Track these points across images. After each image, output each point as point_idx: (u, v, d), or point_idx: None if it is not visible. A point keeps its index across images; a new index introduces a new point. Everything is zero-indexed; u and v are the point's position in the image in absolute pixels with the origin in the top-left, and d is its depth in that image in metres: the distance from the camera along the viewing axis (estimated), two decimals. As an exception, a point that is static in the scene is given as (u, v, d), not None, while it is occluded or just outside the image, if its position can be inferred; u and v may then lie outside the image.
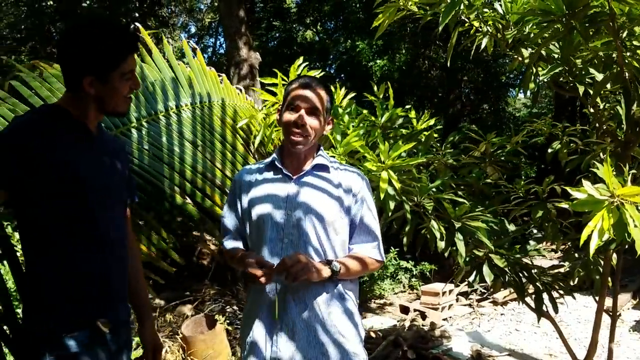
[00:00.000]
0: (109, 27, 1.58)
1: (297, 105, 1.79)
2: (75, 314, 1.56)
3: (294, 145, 1.79)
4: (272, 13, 13.19)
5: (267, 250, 1.76)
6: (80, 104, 1.60)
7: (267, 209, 1.79)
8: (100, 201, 1.62)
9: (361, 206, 1.85)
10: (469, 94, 13.73)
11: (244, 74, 8.31)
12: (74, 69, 1.55)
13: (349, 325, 1.80)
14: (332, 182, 1.84)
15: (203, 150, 2.78)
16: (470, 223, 2.64)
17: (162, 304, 6.89)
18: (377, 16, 2.83)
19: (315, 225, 1.76)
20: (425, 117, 3.26)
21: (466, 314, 6.10)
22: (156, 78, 2.97)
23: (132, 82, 1.62)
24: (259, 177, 1.86)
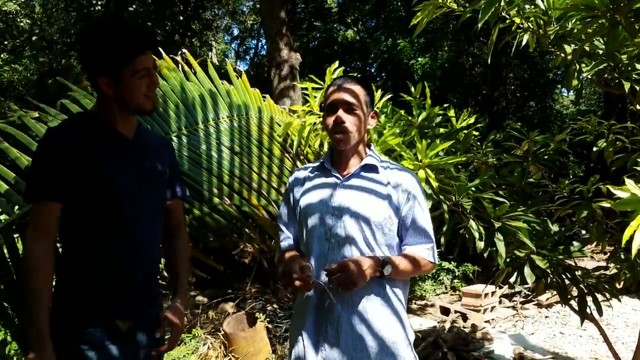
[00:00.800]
0: (118, 28, 1.64)
1: (334, 105, 1.81)
2: (94, 311, 1.61)
3: (338, 144, 1.82)
4: (313, 13, 13.23)
5: (315, 250, 1.79)
6: (106, 107, 1.66)
7: (315, 209, 1.82)
8: (129, 202, 1.66)
9: (413, 206, 1.82)
10: (514, 91, 13.41)
11: (284, 75, 8.37)
12: (90, 70, 1.63)
13: (397, 328, 1.78)
14: (381, 182, 1.83)
15: (244, 157, 2.85)
16: (510, 223, 2.59)
17: (205, 302, 7.03)
18: (416, 12, 2.82)
19: (362, 226, 1.76)
20: (464, 115, 3.21)
21: (509, 316, 5.97)
22: (199, 93, 3.08)
23: (149, 79, 1.65)
24: (310, 179, 1.91)
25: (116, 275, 1.65)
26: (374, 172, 1.85)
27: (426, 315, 6.47)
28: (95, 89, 1.67)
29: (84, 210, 1.60)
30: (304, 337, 1.78)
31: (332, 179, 1.85)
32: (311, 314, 1.78)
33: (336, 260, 1.72)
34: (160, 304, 1.82)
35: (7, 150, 2.23)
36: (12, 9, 10.79)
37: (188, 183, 2.52)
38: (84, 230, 1.62)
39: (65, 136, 1.59)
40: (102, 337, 1.60)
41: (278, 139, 3.28)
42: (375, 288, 1.75)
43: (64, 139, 1.58)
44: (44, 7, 10.93)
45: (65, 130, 1.62)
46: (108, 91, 1.61)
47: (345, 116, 1.79)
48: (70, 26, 9.54)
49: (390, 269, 1.71)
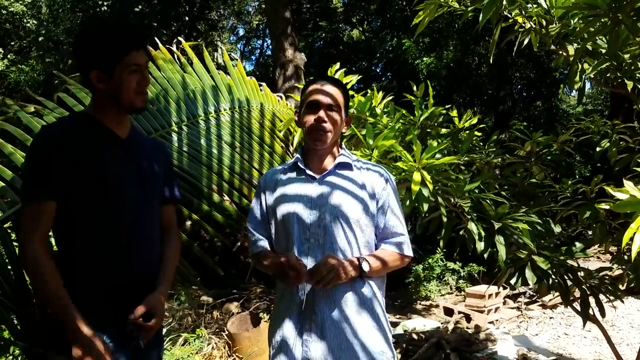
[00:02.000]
0: (113, 25, 1.69)
1: (315, 101, 1.81)
2: (91, 312, 1.59)
3: (316, 143, 1.81)
4: (318, 13, 13.20)
5: (294, 250, 1.77)
6: (99, 105, 1.67)
7: (292, 209, 1.80)
8: (124, 202, 1.67)
9: (387, 201, 1.84)
10: (520, 91, 13.34)
11: (289, 75, 8.37)
12: (82, 64, 1.64)
13: (378, 323, 1.80)
14: (355, 180, 1.84)
15: (241, 151, 2.82)
16: (511, 223, 2.57)
17: (209, 302, 7.03)
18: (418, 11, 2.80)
19: (341, 224, 1.77)
20: (467, 115, 3.19)
21: (513, 317, 5.95)
22: (196, 86, 3.05)
23: (140, 76, 1.67)
24: (284, 178, 1.89)
25: (112, 276, 1.64)
26: (348, 170, 1.86)
27: (430, 315, 6.45)
28: (88, 87, 1.68)
29: (79, 210, 1.60)
30: (285, 333, 1.77)
31: (307, 178, 1.85)
32: (294, 313, 1.77)
33: (316, 260, 1.73)
34: None
35: (1, 146, 2.19)
36: (18, 10, 10.85)
37: (184, 177, 2.50)
38: (79, 229, 1.61)
39: (60, 135, 1.59)
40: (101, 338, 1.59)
41: (270, 126, 3.24)
42: (356, 286, 1.77)
43: (59, 137, 1.58)
44: (50, 8, 10.97)
45: (60, 128, 1.62)
46: (100, 86, 1.62)
47: (326, 117, 1.79)
48: (76, 27, 9.58)
49: (367, 266, 1.74)
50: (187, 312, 6.20)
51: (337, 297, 1.75)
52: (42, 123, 2.28)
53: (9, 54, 10.69)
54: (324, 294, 1.74)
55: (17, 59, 10.87)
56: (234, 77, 3.37)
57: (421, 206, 2.25)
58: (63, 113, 2.38)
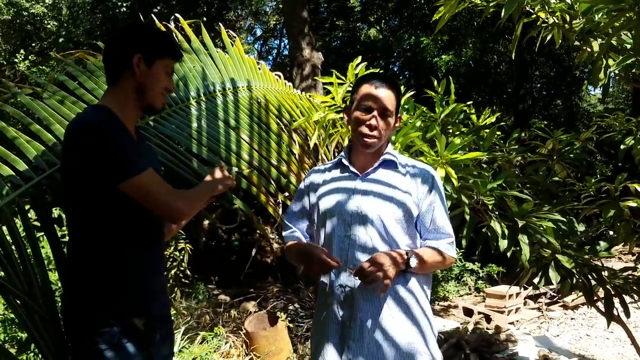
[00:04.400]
0: (166, 32, 1.84)
1: (369, 106, 1.79)
2: (109, 311, 1.60)
3: (365, 146, 1.81)
4: (335, 12, 13.19)
5: (335, 247, 1.77)
6: (120, 99, 1.67)
7: (334, 206, 1.81)
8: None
9: (433, 201, 1.82)
10: (540, 89, 13.18)
11: (306, 74, 8.36)
12: (127, 47, 1.66)
13: (421, 323, 1.78)
14: (399, 179, 1.83)
15: (240, 132, 2.77)
16: (535, 222, 2.53)
17: (227, 300, 7.06)
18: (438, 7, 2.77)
19: (383, 221, 1.76)
20: (486, 113, 3.15)
21: (534, 317, 5.88)
22: (195, 65, 3.01)
23: (169, 81, 1.74)
24: (327, 176, 1.90)
25: (131, 272, 1.65)
26: (392, 168, 1.85)
27: (449, 316, 6.40)
28: (115, 76, 1.68)
29: (113, 205, 1.60)
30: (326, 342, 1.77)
31: (350, 175, 1.85)
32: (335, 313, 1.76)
33: (356, 256, 1.72)
34: (167, 297, 1.84)
35: (5, 130, 2.15)
36: (39, 12, 11.00)
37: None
38: (105, 224, 1.61)
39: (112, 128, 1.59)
40: (120, 335, 1.60)
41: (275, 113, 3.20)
42: (398, 283, 1.74)
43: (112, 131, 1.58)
44: (70, 10, 11.12)
45: (108, 122, 1.60)
46: (137, 70, 1.65)
47: (379, 121, 1.79)
48: (95, 28, 9.70)
49: (415, 261, 1.71)
50: (205, 310, 6.25)
51: (378, 295, 1.72)
52: (43, 106, 2.25)
53: (30, 55, 10.83)
54: (363, 291, 1.73)
55: (37, 59, 11.01)
56: (232, 56, 3.34)
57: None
58: (66, 96, 2.37)
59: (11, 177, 1.94)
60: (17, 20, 11.48)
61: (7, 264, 1.69)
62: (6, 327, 3.80)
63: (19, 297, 1.62)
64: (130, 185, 1.54)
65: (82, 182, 1.58)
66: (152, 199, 1.58)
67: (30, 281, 1.72)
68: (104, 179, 1.54)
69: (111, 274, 1.62)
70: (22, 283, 1.69)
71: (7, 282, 1.65)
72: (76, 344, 1.64)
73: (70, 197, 1.63)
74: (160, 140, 2.38)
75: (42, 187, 1.96)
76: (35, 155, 2.02)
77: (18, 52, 10.44)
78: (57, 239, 1.90)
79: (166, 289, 1.83)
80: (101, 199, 1.57)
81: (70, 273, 1.67)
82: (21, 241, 1.81)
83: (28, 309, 1.65)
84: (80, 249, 1.64)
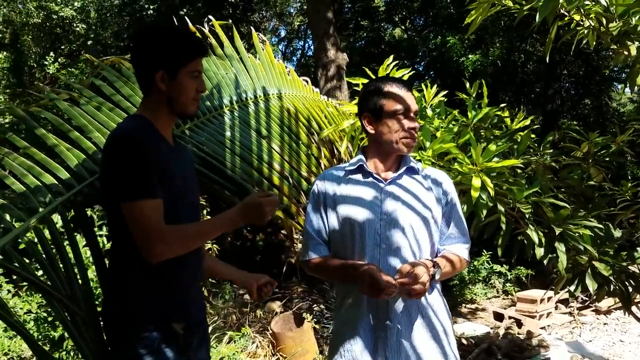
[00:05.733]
0: (178, 30, 1.74)
1: (406, 110, 1.78)
2: (149, 316, 1.62)
3: (403, 149, 1.79)
4: (360, 13, 13.14)
5: (366, 257, 1.74)
6: (154, 108, 1.68)
7: (361, 214, 1.76)
8: (183, 207, 1.68)
9: (454, 206, 1.84)
10: (568, 89, 12.93)
11: (331, 75, 8.35)
12: (147, 64, 1.66)
13: (447, 327, 1.80)
14: (423, 184, 1.82)
15: (271, 142, 2.77)
16: (572, 228, 2.48)
17: (252, 300, 7.10)
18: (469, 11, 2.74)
19: (413, 228, 1.74)
20: (520, 116, 3.10)
21: (566, 322, 5.78)
22: (227, 71, 3.01)
23: (199, 83, 1.70)
24: (345, 182, 1.83)
25: (171, 277, 1.66)
26: (415, 174, 1.83)
27: (477, 319, 6.33)
28: (145, 89, 1.70)
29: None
30: (357, 346, 1.74)
31: (374, 181, 1.80)
32: (367, 319, 1.74)
33: (388, 265, 1.70)
34: (204, 301, 1.85)
35: (45, 137, 2.17)
36: (68, 15, 11.19)
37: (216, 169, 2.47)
38: None
39: (147, 137, 1.60)
40: (159, 341, 1.61)
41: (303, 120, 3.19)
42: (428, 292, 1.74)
43: (148, 139, 1.59)
44: (98, 12, 11.28)
45: (143, 130, 1.62)
46: (162, 86, 1.64)
47: (416, 123, 1.80)
48: (123, 30, 9.83)
49: (440, 272, 1.72)
50: (232, 310, 6.28)
51: (410, 303, 1.73)
52: (80, 112, 2.26)
53: (60, 57, 11.03)
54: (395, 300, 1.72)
55: (67, 62, 11.20)
56: (263, 61, 3.33)
57: (480, 212, 2.19)
58: (102, 102, 2.38)
59: (53, 185, 1.97)
60: (47, 24, 11.69)
61: (49, 268, 1.72)
62: (39, 326, 3.88)
63: (61, 301, 1.65)
64: (124, 207, 1.54)
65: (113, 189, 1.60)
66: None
67: (72, 284, 1.75)
68: (113, 194, 1.57)
69: (151, 280, 1.63)
70: (64, 286, 1.71)
71: (50, 286, 1.67)
72: (116, 349, 1.66)
73: (110, 205, 1.65)
74: (196, 148, 2.39)
75: (83, 194, 1.99)
76: (76, 164, 2.04)
77: (48, 55, 10.64)
78: (98, 245, 1.92)
79: (202, 293, 1.83)
80: None
81: (111, 278, 1.70)
82: (63, 246, 1.84)
83: (70, 311, 1.67)
84: (121, 254, 1.66)
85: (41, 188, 1.96)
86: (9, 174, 2.01)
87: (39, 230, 1.81)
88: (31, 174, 1.99)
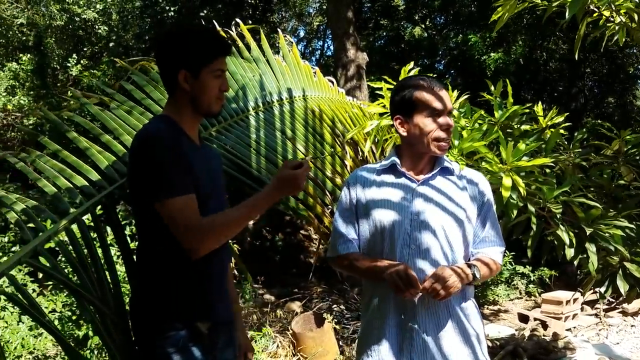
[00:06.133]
0: (200, 30, 1.74)
1: (439, 111, 1.73)
2: (176, 316, 1.62)
3: (439, 150, 1.75)
4: (379, 12, 13.08)
5: (395, 257, 1.72)
6: (178, 108, 1.69)
7: (392, 214, 1.74)
8: (212, 205, 1.68)
9: (489, 208, 1.80)
10: (592, 87, 12.74)
11: (351, 75, 8.33)
12: (170, 65, 1.67)
13: (480, 333, 1.77)
14: (457, 185, 1.78)
15: (296, 142, 2.77)
16: (603, 229, 2.43)
17: (272, 300, 7.11)
18: (493, 8, 2.71)
19: (445, 229, 1.71)
20: (553, 113, 3.04)
21: (592, 324, 5.68)
22: (254, 74, 3.02)
23: (222, 82, 1.70)
24: (378, 180, 1.81)
25: (197, 277, 1.66)
26: (449, 175, 1.80)
27: (499, 320, 6.26)
28: (170, 90, 1.71)
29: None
30: (381, 349, 1.73)
31: (406, 181, 1.78)
32: (392, 322, 1.72)
33: (416, 265, 1.68)
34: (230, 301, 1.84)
35: (76, 140, 2.19)
36: (90, 17, 11.34)
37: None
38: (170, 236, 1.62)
39: (173, 136, 1.61)
40: (186, 339, 1.61)
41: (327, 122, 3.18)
42: (459, 298, 1.73)
43: (174, 138, 1.61)
44: (120, 15, 11.40)
45: (169, 129, 1.63)
46: (185, 86, 1.65)
47: (450, 121, 1.75)
48: (144, 32, 9.91)
49: (478, 272, 1.69)
50: (252, 310, 6.30)
51: (439, 305, 1.70)
52: (111, 116, 2.28)
53: (82, 59, 11.18)
54: (424, 301, 1.69)
55: (89, 64, 11.35)
56: (290, 64, 3.33)
57: (511, 212, 2.16)
58: (134, 106, 2.40)
59: (84, 187, 1.99)
60: (70, 26, 11.86)
61: (81, 269, 1.73)
62: (64, 325, 3.93)
63: (92, 302, 1.66)
64: (159, 206, 1.55)
65: (140, 190, 1.61)
66: (173, 227, 1.57)
67: (102, 285, 1.76)
68: (145, 194, 1.58)
69: (179, 279, 1.64)
70: (95, 287, 1.73)
71: (81, 287, 1.69)
72: (143, 347, 1.67)
73: (137, 205, 1.66)
74: (223, 150, 2.40)
75: (113, 196, 2.00)
76: (107, 166, 2.06)
77: (70, 57, 10.80)
78: (127, 245, 1.93)
79: (228, 292, 1.83)
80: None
81: (139, 278, 1.70)
82: (94, 247, 1.85)
83: (100, 313, 1.68)
84: (149, 254, 1.67)
85: (72, 190, 1.98)
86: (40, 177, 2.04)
87: (71, 232, 1.83)
88: (63, 176, 2.02)
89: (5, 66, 10.98)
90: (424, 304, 1.69)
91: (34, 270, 1.86)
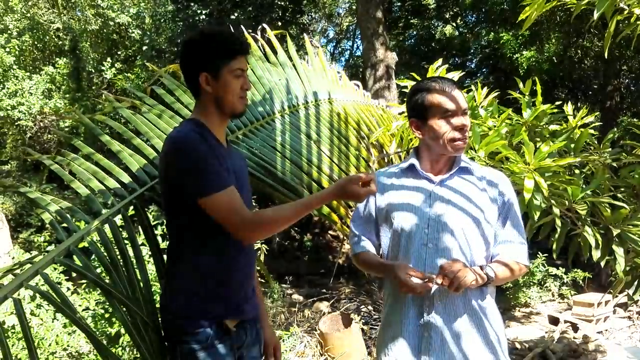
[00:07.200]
0: (219, 32, 1.76)
1: (455, 109, 1.73)
2: (204, 313, 1.67)
3: (456, 150, 1.76)
4: (409, 11, 13.01)
5: (413, 256, 1.74)
6: (204, 110, 1.74)
7: (409, 215, 1.76)
8: None
9: (510, 208, 1.79)
10: (628, 85, 12.38)
11: (379, 75, 8.31)
12: (191, 69, 1.72)
13: (499, 332, 1.76)
14: (476, 185, 1.78)
15: (321, 145, 2.80)
16: (631, 229, 2.39)
17: (300, 300, 7.17)
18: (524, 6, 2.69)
19: (462, 229, 1.72)
20: (583, 112, 3.00)
21: (624, 327, 5.56)
22: (280, 78, 3.06)
23: (243, 81, 1.74)
24: (397, 182, 1.84)
25: (225, 275, 1.71)
26: (468, 175, 1.80)
27: (531, 323, 6.18)
28: (195, 93, 1.76)
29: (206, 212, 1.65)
30: (398, 348, 1.75)
31: (424, 181, 1.80)
32: (410, 318, 1.74)
33: (434, 265, 1.69)
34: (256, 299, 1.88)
35: (109, 143, 2.25)
36: (124, 21, 11.61)
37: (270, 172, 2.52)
38: (200, 230, 1.67)
39: (203, 136, 1.66)
40: (213, 336, 1.66)
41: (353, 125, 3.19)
42: (474, 293, 1.72)
43: (205, 138, 1.65)
44: (153, 18, 11.63)
45: (198, 131, 1.67)
46: (207, 88, 1.69)
47: (467, 121, 1.76)
48: (177, 36, 10.08)
49: (493, 272, 1.69)
50: (280, 309, 6.35)
51: (457, 304, 1.71)
52: (142, 119, 2.34)
53: (116, 62, 11.45)
54: (441, 301, 1.71)
55: (123, 67, 11.61)
56: (315, 67, 3.36)
57: (534, 213, 2.14)
58: (164, 110, 2.45)
59: (116, 189, 2.06)
60: (104, 30, 12.18)
61: (112, 269, 1.79)
62: (96, 322, 4.05)
63: (123, 301, 1.71)
64: (206, 202, 1.60)
65: (175, 191, 1.66)
66: (224, 219, 1.62)
67: (133, 285, 1.81)
68: (186, 193, 1.62)
69: (207, 278, 1.69)
70: (126, 287, 1.78)
71: (112, 286, 1.74)
72: (172, 343, 1.72)
73: (171, 205, 1.71)
74: (249, 152, 2.45)
75: (144, 197, 2.07)
76: (138, 168, 2.13)
77: (105, 61, 11.09)
78: (158, 245, 1.99)
79: (255, 291, 1.87)
80: (194, 206, 1.62)
81: (168, 275, 1.76)
82: (125, 248, 1.91)
83: (131, 313, 1.72)
84: (178, 252, 1.72)
85: (105, 191, 2.05)
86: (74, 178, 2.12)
87: (102, 232, 1.89)
88: (96, 178, 2.10)
89: (42, 70, 11.33)
90: (441, 301, 1.70)
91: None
